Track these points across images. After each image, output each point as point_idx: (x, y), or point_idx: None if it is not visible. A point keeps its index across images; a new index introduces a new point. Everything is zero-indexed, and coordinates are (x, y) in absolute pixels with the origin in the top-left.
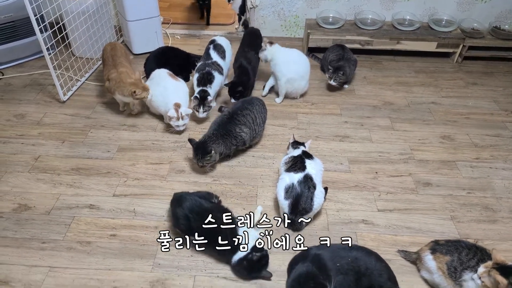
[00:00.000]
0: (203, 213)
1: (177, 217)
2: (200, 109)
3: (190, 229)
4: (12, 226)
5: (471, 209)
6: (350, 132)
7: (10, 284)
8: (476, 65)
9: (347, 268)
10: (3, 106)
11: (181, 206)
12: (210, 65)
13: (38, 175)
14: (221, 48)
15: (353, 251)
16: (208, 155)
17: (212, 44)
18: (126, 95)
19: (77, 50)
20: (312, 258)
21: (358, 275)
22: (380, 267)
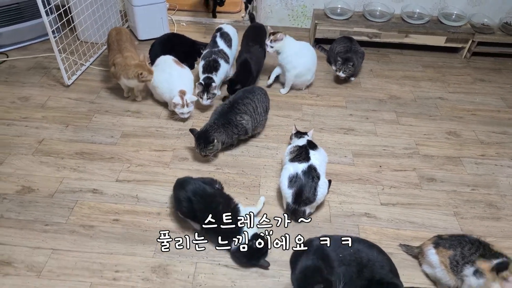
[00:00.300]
0: (206, 198)
1: (179, 199)
2: (204, 95)
3: (193, 212)
4: (16, 208)
5: (474, 206)
6: (355, 125)
7: (13, 265)
8: (484, 61)
9: (350, 259)
10: (8, 89)
11: (184, 189)
12: (217, 53)
13: (42, 158)
14: (228, 36)
15: (355, 243)
16: (211, 144)
17: (219, 32)
18: (131, 77)
19: (82, 34)
20: (316, 249)
21: (360, 267)
22: (382, 259)
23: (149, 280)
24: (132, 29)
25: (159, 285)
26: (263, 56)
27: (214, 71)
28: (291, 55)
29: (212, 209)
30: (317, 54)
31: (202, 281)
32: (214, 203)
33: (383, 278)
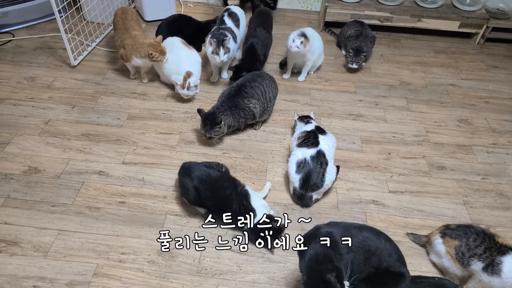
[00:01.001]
0: (213, 183)
1: (185, 188)
2: (220, 51)
3: (199, 199)
4: (22, 188)
5: (485, 195)
6: (364, 111)
7: (20, 245)
8: (498, 47)
9: (358, 247)
10: (14, 68)
11: (190, 177)
12: (224, 29)
13: (48, 139)
14: (236, 16)
15: (363, 231)
16: (217, 126)
17: (226, 12)
18: (143, 56)
19: (88, 14)
20: (324, 236)
21: (368, 254)
22: (389, 247)
23: (155, 263)
24: (138, 9)
25: (165, 268)
26: (270, 42)
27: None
28: (313, 44)
29: (219, 195)
30: (327, 38)
31: (207, 265)
32: (221, 189)
33: (391, 266)
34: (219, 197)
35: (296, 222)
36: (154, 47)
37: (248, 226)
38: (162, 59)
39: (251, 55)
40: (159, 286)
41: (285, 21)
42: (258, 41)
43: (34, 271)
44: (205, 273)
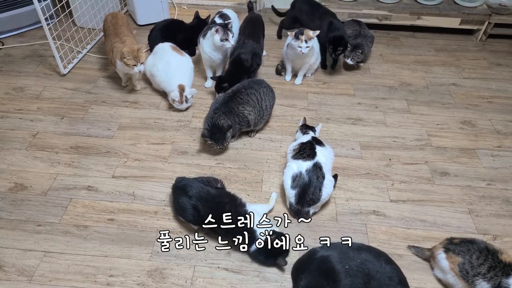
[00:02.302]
0: (212, 201)
1: (183, 207)
2: (229, 36)
3: (200, 218)
4: (8, 207)
5: (490, 202)
6: (363, 114)
7: (3, 268)
8: (501, 44)
9: (356, 270)
10: (2, 78)
11: (187, 195)
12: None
13: (36, 153)
14: (228, 17)
15: (362, 253)
16: (228, 132)
17: (218, 14)
18: (118, 57)
19: (79, 19)
20: (319, 262)
21: (368, 278)
22: (390, 270)
23: (144, 285)
24: (131, 13)
25: None
26: (261, 50)
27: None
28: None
29: (219, 212)
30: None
31: (200, 286)
32: (221, 204)
33: None
34: (220, 215)
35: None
36: (131, 50)
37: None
38: (132, 65)
39: (237, 68)
40: None
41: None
42: (245, 53)
43: None
44: None
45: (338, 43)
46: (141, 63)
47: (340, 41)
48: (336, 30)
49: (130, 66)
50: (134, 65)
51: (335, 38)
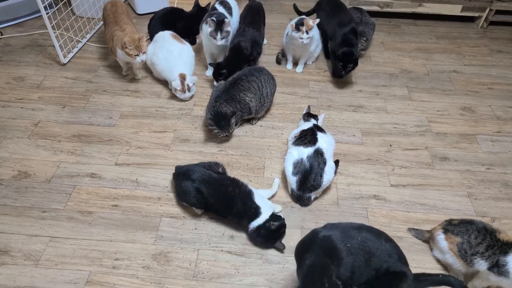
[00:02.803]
0: (214, 183)
1: (186, 191)
2: (217, 35)
3: (204, 201)
4: (12, 194)
5: (489, 186)
6: (364, 101)
7: (10, 253)
8: (502, 31)
9: (358, 248)
10: (2, 68)
11: (190, 179)
12: (216, 14)
13: (38, 141)
14: (228, 4)
15: (363, 232)
16: (232, 118)
17: (218, 1)
18: (119, 46)
19: (77, 8)
20: (322, 241)
21: (368, 256)
22: (389, 247)
23: (150, 268)
24: (130, 2)
25: (160, 273)
26: (262, 38)
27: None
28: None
29: (222, 194)
30: None
31: (204, 269)
32: (224, 186)
33: (391, 266)
34: (223, 195)
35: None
36: (132, 40)
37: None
38: (134, 55)
39: (236, 55)
40: None
41: (282, 10)
42: (245, 40)
43: (25, 280)
44: (201, 277)
45: (348, 60)
46: (143, 52)
47: (350, 57)
48: (348, 45)
49: (132, 56)
50: (136, 55)
51: (344, 55)
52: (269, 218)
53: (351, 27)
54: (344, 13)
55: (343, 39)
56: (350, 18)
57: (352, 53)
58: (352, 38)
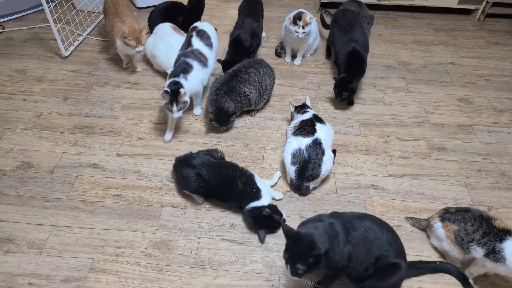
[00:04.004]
0: (214, 166)
1: (186, 177)
2: (173, 107)
3: (204, 184)
4: (16, 184)
5: (486, 176)
6: (362, 93)
7: (14, 242)
8: (499, 23)
9: (359, 239)
10: (4, 61)
11: (190, 165)
12: (189, 54)
13: (41, 132)
14: (206, 34)
15: (366, 221)
16: (231, 117)
17: (194, 30)
18: (118, 37)
19: (78, 2)
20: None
21: (370, 245)
22: (390, 237)
23: (151, 256)
24: None
25: (161, 261)
26: (260, 30)
27: (182, 73)
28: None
29: (224, 175)
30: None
31: (205, 256)
32: (224, 168)
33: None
34: (224, 177)
35: (297, 196)
36: (132, 30)
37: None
38: (134, 46)
39: (237, 47)
40: (156, 279)
41: (281, 3)
42: (245, 32)
43: (29, 268)
44: (202, 265)
45: (345, 88)
46: (142, 44)
47: (347, 85)
48: (348, 70)
49: (131, 47)
50: (135, 46)
51: (342, 81)
52: (268, 206)
53: (356, 50)
54: (355, 29)
55: (346, 62)
56: (361, 35)
57: (350, 81)
58: (355, 64)
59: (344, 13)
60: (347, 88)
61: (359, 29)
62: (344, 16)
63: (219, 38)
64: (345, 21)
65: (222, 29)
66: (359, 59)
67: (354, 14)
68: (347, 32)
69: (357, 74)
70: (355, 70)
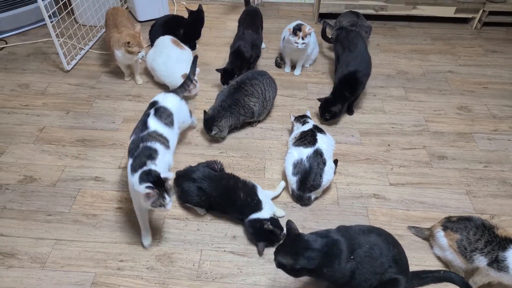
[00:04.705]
0: (215, 178)
1: (188, 191)
2: (165, 199)
3: (206, 197)
4: (18, 198)
5: (487, 183)
6: (362, 102)
7: (17, 256)
8: (496, 31)
9: (364, 256)
10: (7, 76)
11: (191, 179)
12: (146, 138)
13: (43, 146)
14: (166, 111)
15: (372, 236)
16: (212, 132)
17: (152, 108)
18: (120, 45)
19: (80, 17)
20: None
21: (375, 262)
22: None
23: (154, 269)
24: (131, 10)
25: (164, 274)
26: (260, 41)
27: (149, 159)
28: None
29: (225, 187)
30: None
31: (207, 269)
32: (226, 180)
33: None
34: (225, 189)
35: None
36: (133, 37)
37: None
38: (138, 52)
39: (238, 58)
40: None
41: (279, 15)
42: (245, 44)
43: (32, 283)
44: (205, 277)
45: (327, 110)
46: (143, 48)
47: (329, 108)
48: (337, 92)
49: (135, 53)
50: (138, 51)
51: (326, 103)
52: (270, 220)
53: (351, 74)
54: (356, 48)
55: (338, 84)
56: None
57: (334, 103)
58: (346, 88)
59: (348, 34)
60: (329, 110)
61: (360, 52)
62: (348, 37)
63: (220, 49)
64: (348, 43)
65: (222, 40)
66: (352, 83)
67: (357, 36)
68: (348, 54)
69: (344, 98)
70: (344, 94)
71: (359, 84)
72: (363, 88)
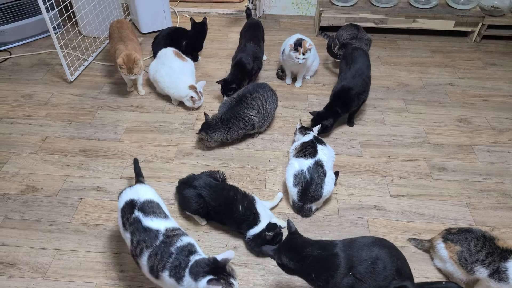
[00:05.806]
0: (216, 187)
1: (187, 197)
2: (233, 286)
3: (205, 205)
4: (20, 208)
5: (487, 196)
6: (362, 114)
7: (18, 266)
8: (495, 44)
9: (365, 273)
10: (11, 86)
11: (192, 186)
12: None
13: (46, 156)
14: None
15: (376, 249)
16: (201, 134)
17: (135, 207)
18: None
19: (84, 29)
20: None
21: (378, 277)
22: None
23: None
24: (134, 22)
25: None
26: (261, 53)
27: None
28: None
29: (224, 197)
30: (323, 42)
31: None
32: (225, 190)
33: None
34: (225, 199)
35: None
36: (127, 60)
37: (250, 235)
38: (125, 74)
39: (239, 69)
40: None
41: (281, 27)
42: (247, 56)
43: None
44: None
45: (319, 122)
46: (133, 74)
47: (321, 121)
48: (330, 106)
49: (124, 74)
50: (126, 74)
51: (318, 116)
52: (266, 227)
53: (346, 89)
54: (356, 63)
55: (332, 98)
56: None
57: (326, 117)
58: (339, 103)
59: (353, 52)
60: (321, 124)
61: (359, 70)
62: (352, 55)
63: (221, 61)
64: (351, 60)
65: (224, 52)
66: (345, 100)
67: (362, 54)
68: (347, 71)
69: (336, 114)
70: (335, 110)
71: (351, 102)
72: (359, 105)
